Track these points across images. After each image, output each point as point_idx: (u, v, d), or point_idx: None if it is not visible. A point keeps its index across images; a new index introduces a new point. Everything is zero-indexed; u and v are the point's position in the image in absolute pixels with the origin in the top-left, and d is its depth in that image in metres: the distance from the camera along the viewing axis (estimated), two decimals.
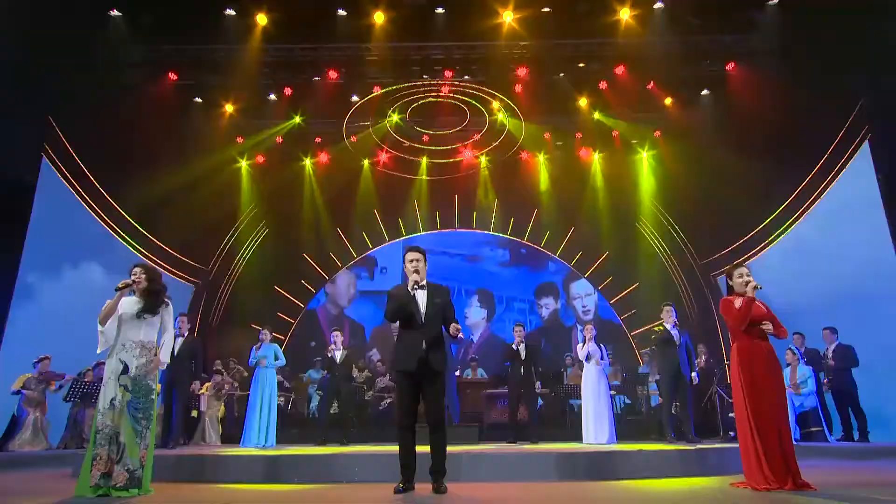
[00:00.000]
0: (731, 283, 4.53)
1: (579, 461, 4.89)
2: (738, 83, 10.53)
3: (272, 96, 11.29)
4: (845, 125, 9.91)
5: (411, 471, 4.10)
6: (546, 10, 8.84)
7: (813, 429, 7.60)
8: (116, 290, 4.33)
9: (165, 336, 4.51)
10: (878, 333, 8.58)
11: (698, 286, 13.42)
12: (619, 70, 10.50)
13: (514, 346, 8.30)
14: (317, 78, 10.69)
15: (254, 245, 14.15)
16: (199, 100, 11.31)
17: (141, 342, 4.32)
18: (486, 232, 14.90)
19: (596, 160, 13.62)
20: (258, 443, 7.71)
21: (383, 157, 13.87)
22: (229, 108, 11.36)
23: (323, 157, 13.70)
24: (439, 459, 4.10)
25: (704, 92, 11.14)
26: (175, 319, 7.60)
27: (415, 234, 14.94)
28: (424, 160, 13.92)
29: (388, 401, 10.83)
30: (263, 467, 4.93)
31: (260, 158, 13.44)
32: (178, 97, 11.11)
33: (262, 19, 9.11)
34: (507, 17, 8.91)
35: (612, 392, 9.95)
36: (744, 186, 11.23)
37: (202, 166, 12.37)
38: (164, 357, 4.44)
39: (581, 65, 10.64)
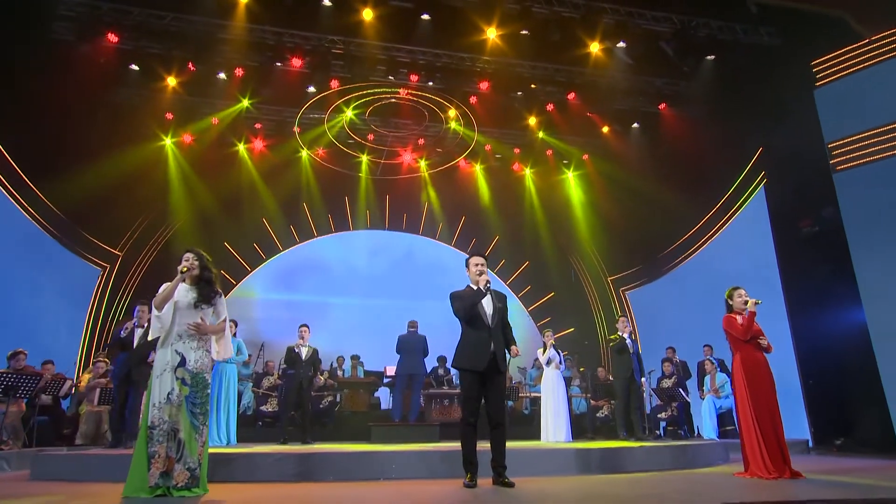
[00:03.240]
0: (731, 302, 5.28)
1: (593, 457, 5.37)
2: (666, 122, 11.86)
3: (222, 75, 10.59)
4: (745, 169, 11.57)
5: (476, 467, 4.28)
6: (524, 32, 9.34)
7: (728, 427, 8.84)
8: (180, 274, 4.06)
9: (221, 327, 4.25)
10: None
11: (607, 299, 14.76)
12: (571, 96, 11.33)
13: None
14: (279, 64, 10.23)
15: (171, 230, 13.08)
16: (135, 67, 10.29)
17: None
18: (415, 234, 15.16)
19: (528, 175, 14.47)
20: (219, 441, 7.29)
21: (320, 151, 13.53)
22: (171, 81, 10.47)
23: (258, 144, 13.06)
24: (502, 454, 4.34)
25: (634, 125, 12.36)
26: (135, 309, 7.05)
27: (344, 231, 14.81)
28: (365, 158, 13.83)
29: (329, 399, 10.65)
30: (295, 466, 4.80)
31: (187, 138, 12.48)
32: (113, 62, 10.04)
33: None
34: (491, 34, 9.30)
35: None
36: (656, 214, 12.66)
37: (124, 140, 11.33)
38: (226, 352, 4.20)
39: (533, 86, 11.30)
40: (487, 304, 4.50)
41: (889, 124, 7.85)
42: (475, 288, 4.52)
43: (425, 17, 9.08)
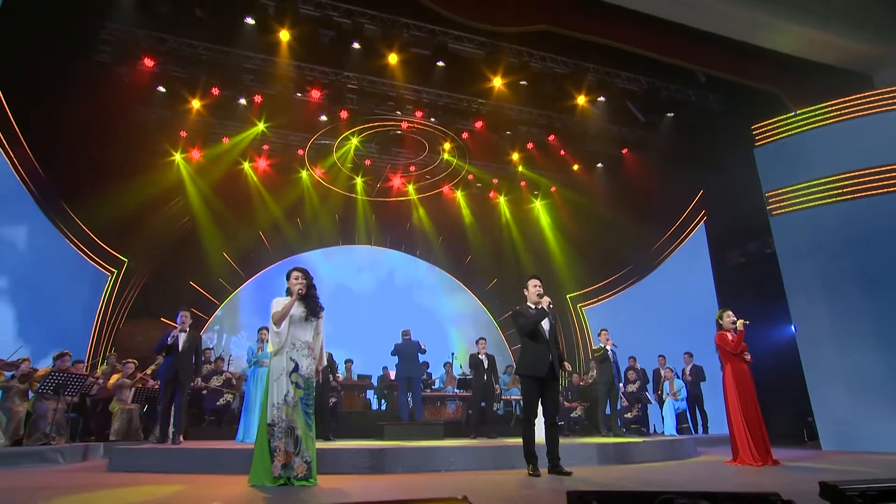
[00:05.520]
0: (721, 322, 5.93)
1: (609, 450, 5.83)
2: (627, 163, 12.76)
3: (242, 100, 10.55)
4: (688, 208, 12.61)
5: (537, 459, 4.65)
6: (523, 82, 9.93)
7: (683, 425, 9.60)
8: (295, 293, 4.21)
9: (321, 339, 4.41)
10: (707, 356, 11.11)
11: (565, 314, 15.47)
12: (551, 138, 12.02)
13: (478, 356, 9.00)
14: (299, 94, 10.32)
15: (173, 239, 12.70)
16: (162, 89, 10.10)
17: (307, 343, 4.24)
18: (398, 251, 15.39)
19: (502, 202, 15.05)
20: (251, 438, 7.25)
21: (318, 171, 13.56)
22: (196, 103, 10.32)
23: (262, 163, 12.96)
24: (557, 448, 4.72)
25: (599, 165, 13.20)
26: (178, 315, 6.97)
27: (334, 246, 14.82)
28: (360, 180, 13.98)
29: (334, 400, 10.64)
30: (369, 459, 4.98)
31: (195, 154, 12.22)
32: (141, 83, 9.85)
33: (284, 35, 8.67)
34: (497, 83, 9.82)
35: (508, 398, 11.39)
36: (612, 241, 13.51)
37: (145, 154, 11.08)
38: (321, 362, 4.37)
39: (520, 127, 11.92)
40: (545, 321, 4.89)
41: (816, 180, 8.91)
42: (533, 307, 4.91)
43: (440, 64, 9.48)
